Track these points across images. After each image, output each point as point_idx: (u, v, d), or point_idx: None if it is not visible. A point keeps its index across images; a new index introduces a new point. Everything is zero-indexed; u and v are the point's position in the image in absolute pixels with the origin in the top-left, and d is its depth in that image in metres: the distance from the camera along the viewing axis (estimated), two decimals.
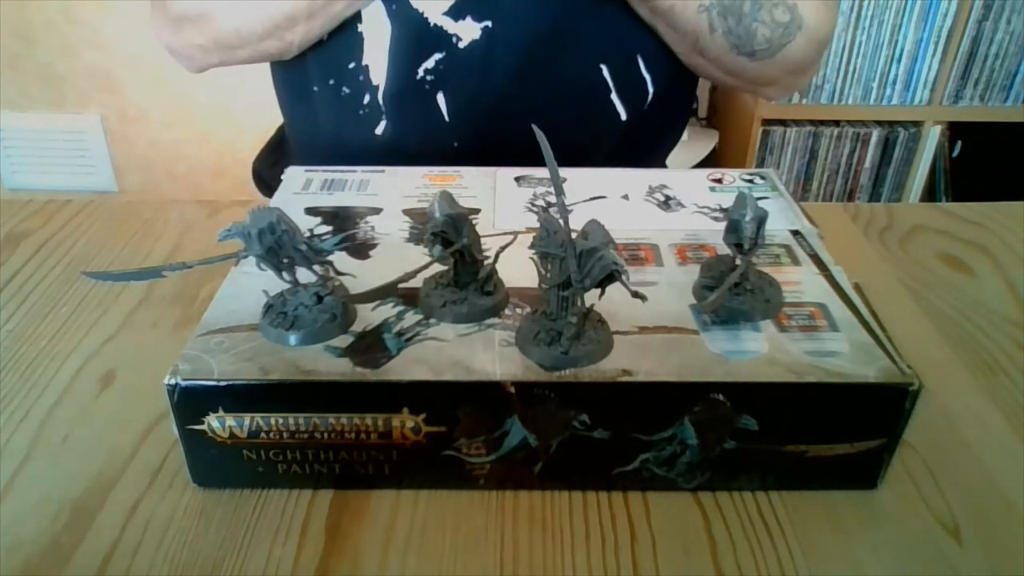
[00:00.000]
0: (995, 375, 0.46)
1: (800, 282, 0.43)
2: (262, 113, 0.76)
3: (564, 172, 0.52)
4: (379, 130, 0.67)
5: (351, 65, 0.65)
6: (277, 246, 0.37)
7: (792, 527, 0.37)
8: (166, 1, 0.65)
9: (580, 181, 0.53)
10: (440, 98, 0.65)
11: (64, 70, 1.82)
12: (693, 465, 0.37)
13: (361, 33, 0.63)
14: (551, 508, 0.38)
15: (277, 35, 0.62)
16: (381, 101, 0.65)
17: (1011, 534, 0.37)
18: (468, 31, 0.62)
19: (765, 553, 0.35)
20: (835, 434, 0.37)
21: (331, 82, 0.66)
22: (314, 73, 0.68)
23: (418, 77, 0.64)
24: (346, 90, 0.66)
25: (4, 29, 1.77)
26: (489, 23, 0.62)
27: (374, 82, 0.65)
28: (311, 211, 0.50)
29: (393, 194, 0.52)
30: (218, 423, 0.36)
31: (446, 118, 0.66)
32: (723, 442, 0.37)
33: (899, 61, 1.65)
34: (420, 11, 0.61)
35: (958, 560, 0.35)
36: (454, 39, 0.62)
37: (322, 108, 0.69)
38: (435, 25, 0.62)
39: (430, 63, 0.63)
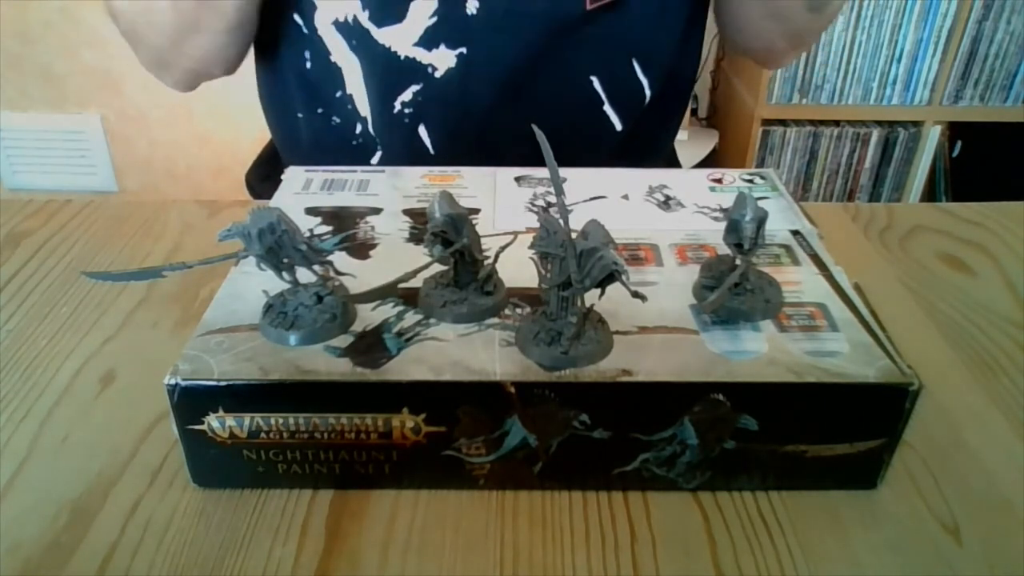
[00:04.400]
0: (995, 375, 0.46)
1: (800, 282, 0.43)
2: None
3: (564, 172, 0.52)
4: (375, 160, 0.66)
5: (337, 95, 0.63)
6: (277, 246, 0.37)
7: (792, 527, 0.37)
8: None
9: (580, 181, 0.53)
10: (422, 130, 0.63)
11: (64, 70, 1.83)
12: (693, 465, 0.37)
13: (336, 63, 0.62)
14: (551, 508, 0.38)
15: (184, 52, 0.61)
16: (372, 132, 0.64)
17: (1011, 534, 0.37)
18: (443, 60, 0.59)
19: (765, 553, 0.35)
20: (835, 434, 0.37)
21: (319, 111, 0.65)
22: (297, 98, 0.66)
23: (395, 111, 0.62)
24: (336, 119, 0.65)
25: (4, 29, 1.77)
26: (464, 49, 0.59)
27: (361, 113, 0.63)
28: (311, 211, 0.50)
29: (393, 194, 0.52)
30: (218, 423, 0.36)
31: (431, 151, 0.63)
32: (723, 442, 0.37)
33: (899, 61, 1.65)
34: (387, 45, 0.59)
35: (958, 560, 0.35)
36: (429, 69, 0.60)
37: (309, 135, 0.67)
38: (407, 57, 0.60)
39: (407, 96, 0.61)
